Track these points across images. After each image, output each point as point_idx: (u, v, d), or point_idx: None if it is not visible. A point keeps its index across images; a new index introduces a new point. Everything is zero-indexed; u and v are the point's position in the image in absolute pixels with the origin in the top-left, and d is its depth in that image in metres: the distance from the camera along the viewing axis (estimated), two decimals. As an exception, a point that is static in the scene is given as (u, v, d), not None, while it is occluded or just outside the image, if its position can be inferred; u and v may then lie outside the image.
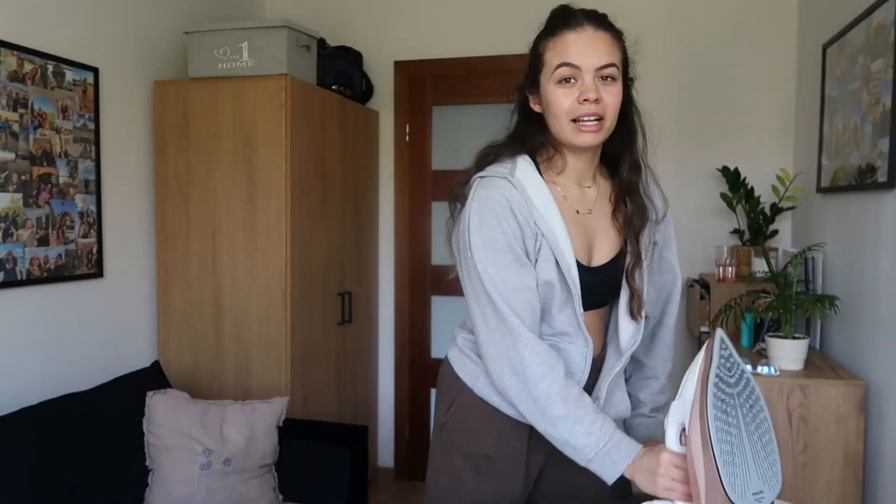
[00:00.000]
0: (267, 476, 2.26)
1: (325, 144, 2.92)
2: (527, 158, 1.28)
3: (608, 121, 1.23)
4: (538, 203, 1.23)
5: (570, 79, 1.21)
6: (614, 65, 1.22)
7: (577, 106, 1.20)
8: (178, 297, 2.75)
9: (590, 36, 1.21)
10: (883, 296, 2.00)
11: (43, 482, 1.92)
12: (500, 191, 1.23)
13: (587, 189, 1.33)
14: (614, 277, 1.33)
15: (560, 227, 1.24)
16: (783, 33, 3.11)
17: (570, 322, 1.27)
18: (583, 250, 1.29)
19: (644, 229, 1.31)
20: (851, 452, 2.04)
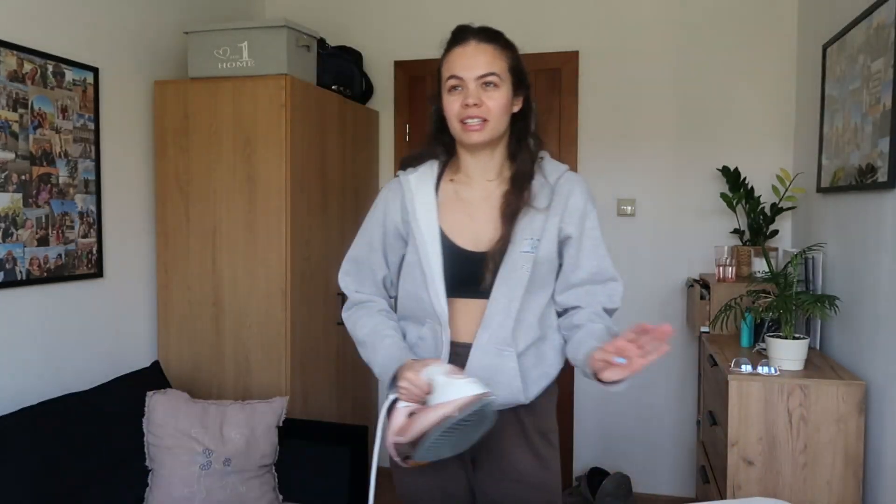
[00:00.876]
0: (267, 476, 2.26)
1: (324, 144, 2.92)
2: (432, 163, 1.53)
3: (491, 121, 1.41)
4: (419, 197, 1.49)
5: (457, 87, 1.42)
6: (494, 73, 1.40)
7: (462, 110, 1.40)
8: (178, 297, 2.75)
9: (472, 50, 1.42)
10: (883, 296, 2.00)
11: (43, 482, 1.92)
12: (388, 187, 1.58)
13: (489, 182, 1.50)
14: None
15: (431, 218, 1.46)
16: (783, 33, 3.11)
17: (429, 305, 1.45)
18: (470, 238, 1.46)
19: (517, 218, 1.43)
20: (851, 452, 2.04)
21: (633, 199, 3.29)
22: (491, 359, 1.44)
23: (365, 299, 1.55)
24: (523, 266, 1.43)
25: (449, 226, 1.47)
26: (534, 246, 1.44)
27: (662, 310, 3.27)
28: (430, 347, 1.48)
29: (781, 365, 2.16)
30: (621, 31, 3.27)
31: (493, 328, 1.43)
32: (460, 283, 1.45)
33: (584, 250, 1.49)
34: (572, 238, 1.48)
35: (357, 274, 1.58)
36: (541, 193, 1.46)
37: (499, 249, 1.43)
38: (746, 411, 2.10)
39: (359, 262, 1.58)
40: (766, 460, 2.09)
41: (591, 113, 3.33)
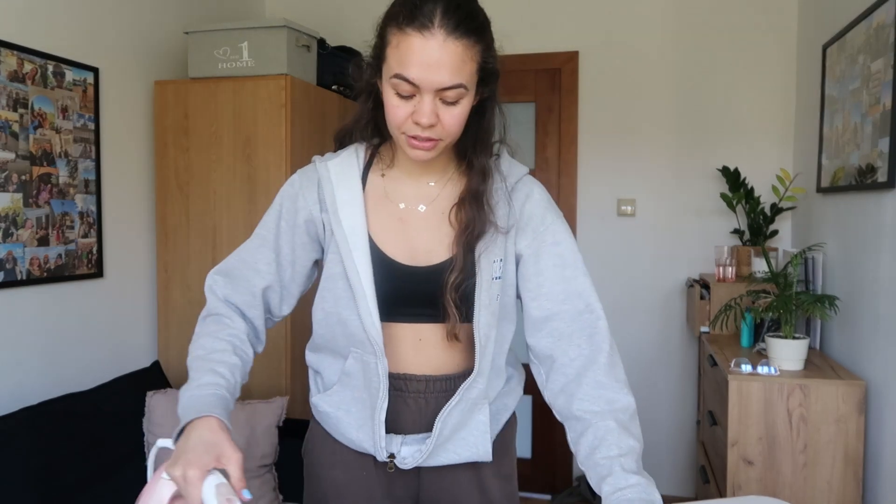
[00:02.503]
0: (267, 476, 2.26)
1: (324, 144, 2.92)
2: (357, 148, 1.20)
3: (446, 140, 1.07)
4: (340, 193, 1.15)
5: (409, 95, 1.02)
6: (461, 86, 1.02)
7: (410, 123, 1.04)
8: (178, 297, 2.75)
9: (438, 46, 0.99)
10: (883, 296, 2.00)
11: (43, 482, 1.91)
12: (300, 174, 1.21)
13: (428, 185, 1.18)
14: (442, 285, 1.12)
15: (357, 220, 1.13)
16: (783, 33, 3.11)
17: (358, 328, 1.13)
18: (402, 248, 1.15)
19: (479, 241, 1.12)
20: (851, 452, 2.04)
21: (633, 199, 3.29)
22: (463, 415, 1.16)
23: (223, 312, 1.18)
24: (497, 296, 1.13)
25: (377, 231, 1.15)
26: (501, 269, 1.14)
27: (662, 310, 3.27)
28: (360, 385, 1.17)
29: (781, 365, 2.16)
30: (621, 31, 3.27)
31: (482, 376, 1.15)
32: (395, 302, 1.14)
33: (543, 273, 1.15)
34: (524, 257, 1.16)
35: (231, 274, 1.19)
36: (500, 203, 1.15)
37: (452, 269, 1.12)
38: (746, 411, 2.10)
39: (242, 261, 1.20)
40: (766, 460, 2.09)
41: (591, 113, 3.33)
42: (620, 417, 1.06)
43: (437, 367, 1.17)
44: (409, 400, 1.18)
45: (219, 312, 1.18)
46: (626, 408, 1.08)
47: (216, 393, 1.04)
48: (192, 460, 0.91)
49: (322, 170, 1.18)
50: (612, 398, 1.08)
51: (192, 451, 0.92)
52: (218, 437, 0.96)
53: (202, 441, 0.94)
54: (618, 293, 3.30)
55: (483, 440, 1.18)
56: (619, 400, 1.08)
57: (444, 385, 1.18)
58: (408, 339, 1.16)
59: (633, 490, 0.99)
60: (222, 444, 0.95)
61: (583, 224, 3.31)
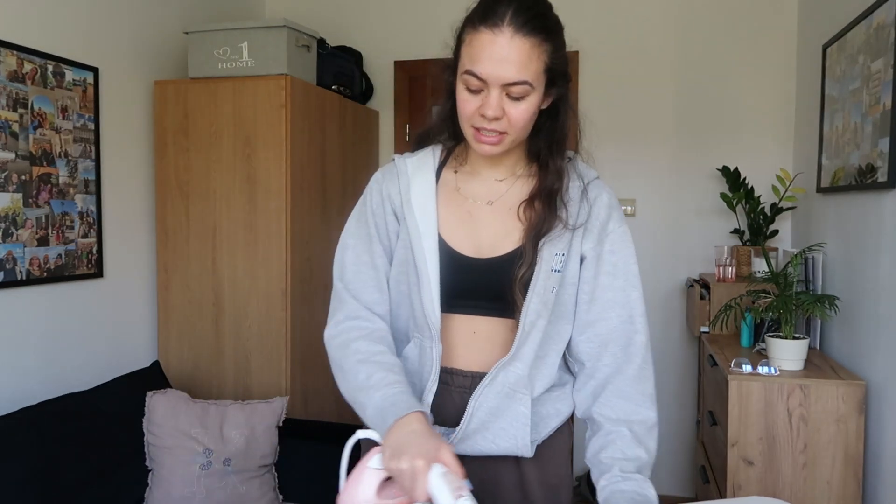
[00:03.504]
0: (267, 476, 2.26)
1: (325, 144, 2.92)
2: (435, 148, 1.26)
3: (512, 135, 1.12)
4: (415, 186, 1.21)
5: (476, 88, 1.08)
6: (526, 83, 1.06)
7: (478, 117, 1.10)
8: (178, 297, 2.75)
9: (505, 43, 1.04)
10: (883, 296, 2.00)
11: (43, 482, 1.91)
12: (382, 171, 1.28)
13: (498, 182, 1.23)
14: (506, 277, 1.15)
15: (428, 211, 1.19)
16: (783, 33, 3.11)
17: (421, 314, 1.17)
18: (468, 241, 1.19)
19: (545, 237, 1.15)
20: (851, 452, 2.04)
21: (633, 199, 3.29)
22: (500, 400, 1.16)
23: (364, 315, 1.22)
24: (552, 288, 1.15)
25: (444, 223, 1.20)
26: (562, 263, 1.16)
27: (662, 310, 3.27)
28: (414, 369, 1.21)
29: (781, 365, 2.16)
30: (621, 31, 3.27)
31: (521, 361, 1.16)
32: (456, 294, 1.17)
33: (597, 279, 1.18)
34: (587, 259, 1.19)
35: (356, 276, 1.23)
36: (573, 202, 1.18)
37: (521, 263, 1.15)
38: (746, 411, 2.10)
39: (359, 263, 1.24)
40: (766, 460, 2.09)
41: (591, 113, 3.31)
42: (636, 428, 1.12)
43: (485, 364, 1.18)
44: (455, 394, 1.20)
45: (359, 316, 1.22)
46: (645, 420, 1.14)
47: (403, 390, 1.09)
48: (417, 452, 0.95)
49: (401, 164, 1.25)
50: (632, 409, 1.14)
51: (414, 444, 0.97)
52: (429, 429, 1.02)
53: (418, 434, 0.99)
54: (618, 293, 3.30)
55: (523, 433, 1.17)
56: (639, 412, 1.14)
57: None
58: (462, 331, 1.20)
59: (627, 483, 1.06)
60: (435, 436, 1.00)
61: (583, 224, 3.30)
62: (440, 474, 0.93)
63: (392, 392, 1.08)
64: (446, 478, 0.92)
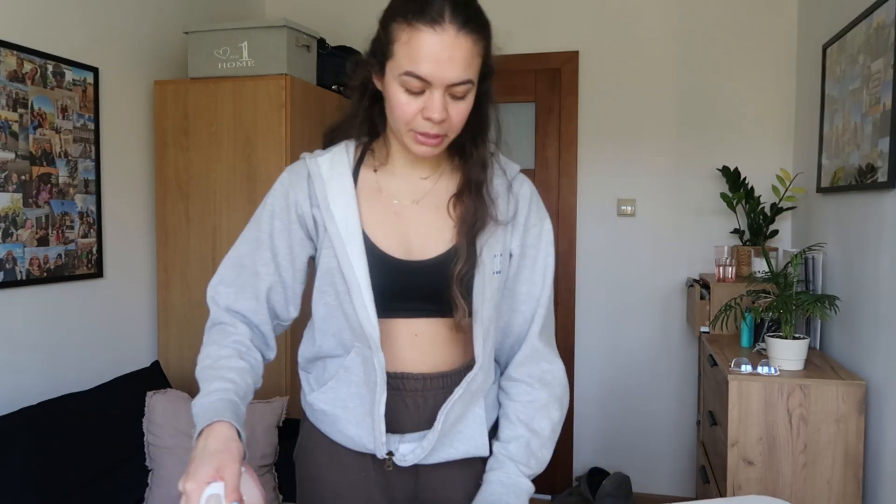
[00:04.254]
0: (267, 476, 2.26)
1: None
2: (348, 145, 1.20)
3: (452, 135, 1.09)
4: (332, 188, 1.15)
5: (419, 91, 1.03)
6: (469, 81, 1.04)
7: (419, 119, 1.05)
8: (178, 297, 2.75)
9: (450, 42, 1.00)
10: (883, 296, 2.00)
11: (43, 482, 1.92)
12: (289, 171, 1.22)
13: (422, 180, 1.18)
14: (444, 278, 1.12)
15: (350, 214, 1.13)
16: (783, 33, 3.11)
17: (356, 322, 1.12)
18: (397, 243, 1.15)
19: (482, 231, 1.13)
20: (851, 452, 2.04)
21: (633, 199, 3.29)
22: (463, 407, 1.16)
23: (227, 321, 1.16)
24: (497, 290, 1.16)
25: (369, 225, 1.14)
26: (501, 264, 1.16)
27: (662, 310, 3.27)
28: (360, 380, 1.15)
29: (781, 365, 2.16)
30: (621, 31, 3.27)
31: (482, 368, 1.15)
32: (391, 297, 1.13)
33: (522, 271, 1.19)
34: (514, 256, 1.19)
35: (232, 282, 1.17)
36: (501, 197, 1.17)
37: (457, 261, 1.12)
38: (746, 411, 2.10)
39: (240, 266, 1.17)
40: (766, 460, 2.09)
41: (591, 113, 3.33)
42: (521, 410, 1.20)
43: (433, 365, 1.17)
44: (408, 399, 1.16)
45: (222, 321, 1.16)
46: (533, 401, 1.20)
47: (223, 398, 1.04)
48: (191, 473, 0.92)
49: (312, 165, 1.17)
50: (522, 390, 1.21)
51: (196, 463, 0.93)
52: (223, 444, 0.96)
53: (206, 451, 0.95)
54: (618, 293, 3.30)
55: (480, 433, 1.18)
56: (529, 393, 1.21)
57: (442, 382, 1.17)
58: (403, 335, 1.15)
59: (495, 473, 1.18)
60: (223, 452, 0.95)
61: (583, 224, 3.31)
62: (206, 496, 0.91)
63: (208, 401, 1.03)
64: (209, 500, 0.90)
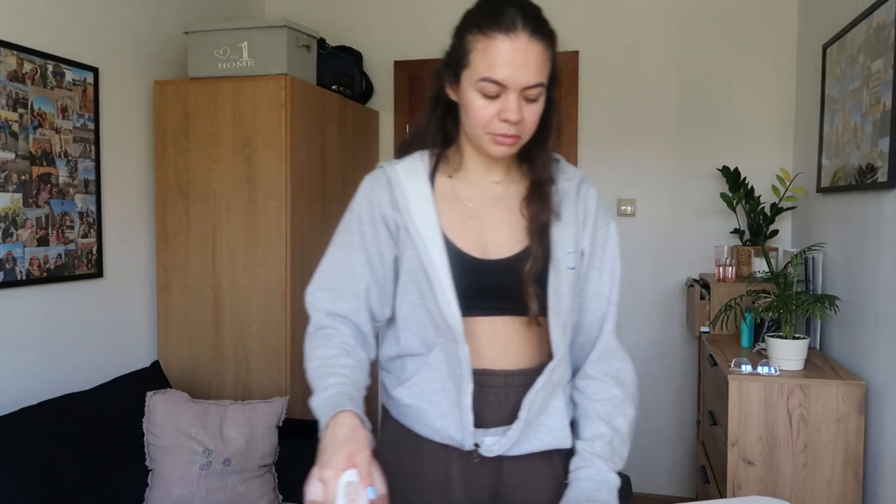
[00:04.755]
0: (267, 476, 2.26)
1: (325, 144, 2.92)
2: (422, 154, 1.26)
3: (526, 136, 1.16)
4: (411, 193, 1.21)
5: (495, 94, 1.11)
6: (542, 84, 1.12)
7: (496, 122, 1.12)
8: (178, 297, 2.75)
9: (523, 47, 1.09)
10: (883, 296, 2.00)
11: (43, 482, 1.92)
12: (370, 178, 1.28)
13: (494, 184, 1.25)
14: (518, 276, 1.18)
15: (429, 215, 1.19)
16: (783, 33, 3.11)
17: (440, 317, 1.17)
18: (474, 242, 1.21)
19: (551, 227, 1.20)
20: (851, 452, 2.04)
21: (633, 199, 3.29)
22: (545, 399, 1.20)
23: (328, 324, 1.23)
24: (572, 285, 1.21)
25: (448, 226, 1.20)
26: (574, 261, 1.21)
27: (662, 310, 3.27)
28: (445, 375, 1.20)
29: (781, 365, 2.16)
30: (621, 31, 3.27)
31: (562, 360, 1.20)
32: (471, 296, 1.18)
33: (591, 271, 1.25)
34: (585, 254, 1.24)
35: (330, 286, 1.25)
36: (568, 199, 1.23)
37: (530, 259, 1.17)
38: (746, 411, 2.10)
39: (336, 269, 1.26)
40: (766, 460, 2.09)
41: (591, 113, 3.33)
42: (599, 407, 1.22)
43: (512, 361, 1.21)
44: (490, 395, 1.20)
45: (324, 326, 1.23)
46: (610, 398, 1.23)
47: (341, 391, 1.10)
48: (325, 462, 0.97)
49: (391, 172, 1.24)
50: (597, 388, 1.23)
51: (327, 453, 0.98)
52: (351, 432, 1.01)
53: (336, 441, 1.00)
54: (618, 293, 3.30)
55: (562, 425, 1.22)
56: (605, 391, 1.23)
57: (522, 379, 1.21)
58: (484, 332, 1.20)
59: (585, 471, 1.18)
60: (353, 441, 0.99)
61: (583, 224, 3.31)
62: (344, 483, 0.95)
63: (327, 395, 1.09)
64: (347, 487, 0.94)
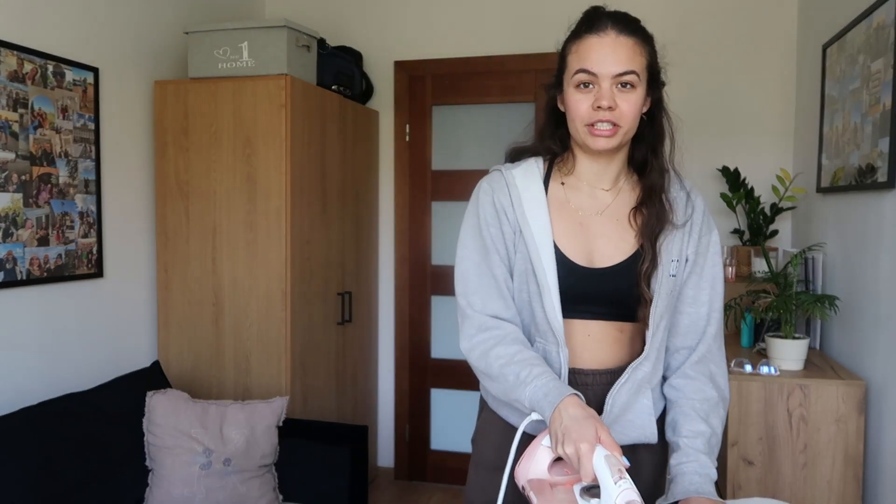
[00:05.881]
0: (267, 476, 2.26)
1: (325, 144, 2.92)
2: (536, 160, 1.34)
3: (624, 126, 1.22)
4: (526, 197, 1.29)
5: (588, 84, 1.21)
6: (633, 72, 1.21)
7: (592, 112, 1.21)
8: (178, 297, 2.75)
9: (611, 41, 1.21)
10: (883, 296, 2.00)
11: (43, 482, 1.92)
12: (489, 181, 1.34)
13: (603, 192, 1.32)
14: (623, 284, 1.26)
15: (543, 222, 1.27)
16: (783, 33, 3.11)
17: (543, 320, 1.27)
18: (581, 251, 1.28)
19: (662, 233, 1.26)
20: (851, 452, 2.04)
21: (633, 199, 3.28)
22: (630, 396, 1.27)
23: (492, 325, 1.28)
24: (671, 292, 1.27)
25: (559, 235, 1.28)
26: (676, 268, 1.27)
27: (662, 310, 3.27)
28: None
29: (781, 365, 2.16)
30: (621, 31, 3.26)
31: (648, 360, 1.26)
32: (573, 301, 1.26)
33: (692, 276, 1.30)
34: (689, 262, 1.30)
35: (479, 288, 1.30)
36: (679, 204, 1.29)
37: (643, 261, 1.25)
38: (746, 411, 2.10)
39: (478, 274, 1.30)
40: (766, 460, 2.09)
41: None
42: (697, 406, 1.27)
43: (601, 362, 1.30)
44: (580, 391, 1.26)
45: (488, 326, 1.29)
46: (708, 398, 1.28)
47: (553, 379, 1.18)
48: (581, 436, 1.04)
49: (508, 176, 1.31)
50: (695, 388, 1.29)
51: (576, 429, 1.06)
52: (588, 411, 1.10)
53: (578, 418, 1.08)
54: (618, 293, 3.30)
55: (648, 422, 1.29)
56: (702, 391, 1.29)
57: (609, 378, 1.29)
58: (579, 334, 1.29)
59: (690, 465, 1.22)
60: (592, 417, 1.08)
61: (583, 224, 3.30)
62: (603, 456, 1.02)
63: (541, 383, 1.16)
64: (608, 460, 1.01)
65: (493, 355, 1.25)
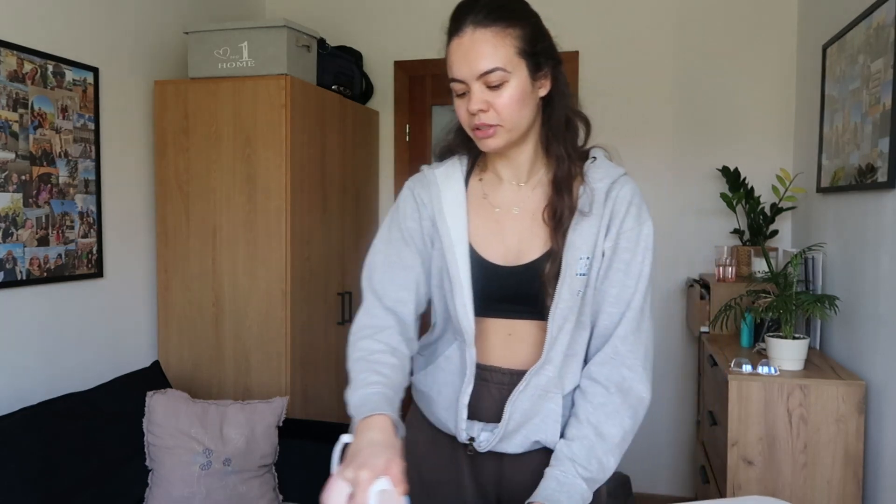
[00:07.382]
0: (267, 476, 2.26)
1: (325, 144, 2.92)
2: (461, 157, 1.31)
3: (506, 124, 1.15)
4: (446, 195, 1.26)
5: (462, 91, 1.15)
6: (496, 69, 1.11)
7: (470, 117, 1.16)
8: (178, 297, 2.75)
9: (468, 41, 1.12)
10: (883, 296, 2.00)
11: (43, 482, 1.91)
12: (413, 180, 1.33)
13: (520, 186, 1.26)
14: (534, 282, 1.20)
15: (459, 220, 1.24)
16: (783, 33, 3.11)
17: (456, 318, 1.23)
18: (497, 249, 1.24)
19: (570, 227, 1.18)
20: (851, 452, 2.04)
21: (633, 199, 3.28)
22: (533, 402, 1.22)
23: (379, 314, 1.26)
24: (578, 292, 1.18)
25: (475, 233, 1.25)
26: (586, 266, 1.19)
27: (662, 310, 3.27)
28: (456, 369, 1.26)
29: (781, 365, 2.16)
30: (621, 31, 3.27)
31: (551, 364, 1.20)
32: (489, 299, 1.22)
33: (611, 272, 1.20)
34: (605, 256, 1.21)
35: (382, 276, 1.28)
36: (594, 196, 1.20)
37: (548, 269, 1.18)
38: (746, 411, 2.10)
39: (385, 263, 1.29)
40: (766, 460, 2.09)
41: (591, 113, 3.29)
42: (589, 411, 1.20)
43: (523, 362, 1.24)
44: (493, 390, 1.25)
45: (374, 314, 1.26)
46: (603, 404, 1.20)
47: (380, 391, 1.12)
48: (363, 463, 0.97)
49: (430, 175, 1.30)
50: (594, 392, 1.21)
51: (363, 454, 0.99)
52: (387, 438, 1.03)
53: (372, 443, 1.01)
54: (618, 293, 3.30)
55: (554, 428, 1.22)
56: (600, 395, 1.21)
57: (520, 379, 1.24)
58: (499, 333, 1.25)
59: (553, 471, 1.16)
60: (390, 447, 1.01)
61: (583, 224, 3.30)
62: (378, 491, 0.93)
63: (368, 392, 1.12)
64: (382, 495, 0.93)
65: (357, 346, 1.22)
